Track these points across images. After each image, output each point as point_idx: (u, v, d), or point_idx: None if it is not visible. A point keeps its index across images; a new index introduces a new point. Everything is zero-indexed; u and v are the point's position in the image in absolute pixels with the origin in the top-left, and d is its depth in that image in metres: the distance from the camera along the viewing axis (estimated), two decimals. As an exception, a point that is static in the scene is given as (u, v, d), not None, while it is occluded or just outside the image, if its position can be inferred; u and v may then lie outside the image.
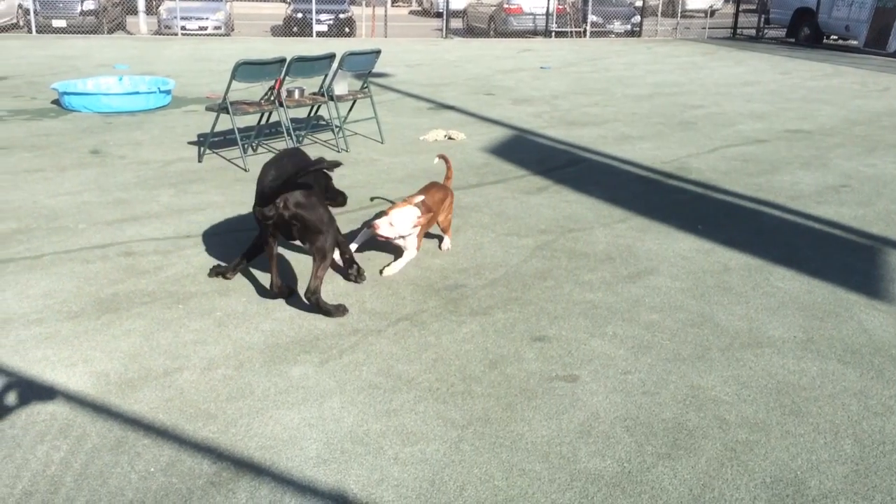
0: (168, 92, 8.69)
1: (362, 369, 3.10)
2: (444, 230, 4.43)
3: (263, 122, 6.77)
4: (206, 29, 17.75)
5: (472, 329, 3.47)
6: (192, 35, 17.39)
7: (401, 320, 3.54)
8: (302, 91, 6.82)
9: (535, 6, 19.75)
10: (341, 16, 19.12)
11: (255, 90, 6.74)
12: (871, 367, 3.22)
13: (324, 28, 18.62)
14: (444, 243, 4.44)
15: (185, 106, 8.69)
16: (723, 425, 2.78)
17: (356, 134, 7.44)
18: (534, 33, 19.97)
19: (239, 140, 6.11)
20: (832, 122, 8.69)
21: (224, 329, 3.41)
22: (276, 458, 2.54)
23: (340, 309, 3.55)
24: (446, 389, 2.97)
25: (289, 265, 4.10)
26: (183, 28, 17.34)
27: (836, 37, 18.68)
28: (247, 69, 6.05)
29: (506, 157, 6.68)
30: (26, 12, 16.68)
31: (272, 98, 6.42)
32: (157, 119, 7.92)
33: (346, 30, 19.12)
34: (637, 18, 21.05)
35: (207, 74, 11.17)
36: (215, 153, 6.49)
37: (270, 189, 3.37)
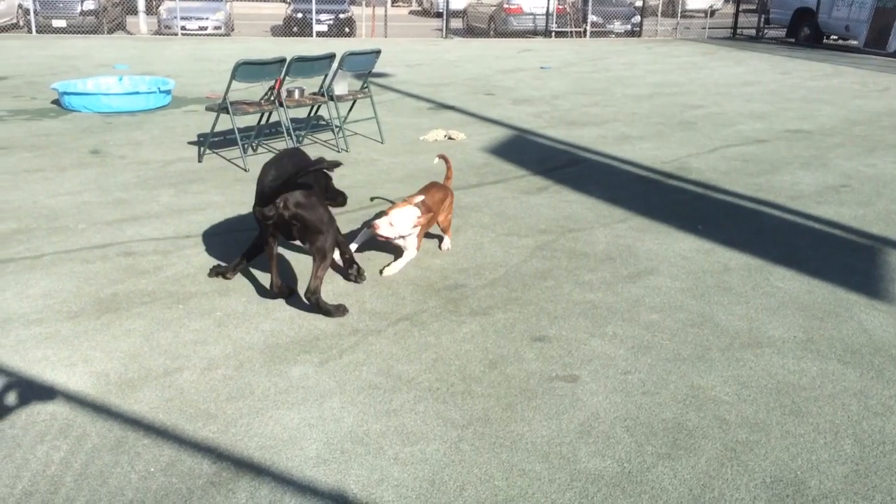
0: (168, 92, 8.69)
1: (362, 369, 3.10)
2: (444, 230, 4.43)
3: (263, 122, 6.78)
4: (206, 29, 17.75)
5: (472, 329, 3.47)
6: (192, 35, 17.39)
7: (401, 320, 3.54)
8: (302, 91, 6.82)
9: (535, 6, 19.75)
10: (341, 16, 19.12)
11: (255, 90, 6.74)
12: (871, 367, 3.22)
13: (324, 28, 18.62)
14: (444, 243, 4.44)
15: (185, 106, 8.69)
16: (723, 425, 2.78)
17: (356, 134, 7.44)
18: (534, 33, 19.97)
19: (239, 140, 6.11)
20: (832, 122, 8.69)
21: (224, 329, 3.41)
22: (276, 458, 2.54)
23: (340, 309, 3.55)
24: (446, 389, 2.97)
25: (289, 265, 4.10)
26: (183, 28, 17.34)
27: (836, 37, 18.67)
28: (247, 69, 6.05)
29: (506, 157, 6.68)
30: (26, 12, 16.68)
31: (272, 98, 6.42)
32: (157, 119, 7.93)
33: (346, 30, 19.12)
34: (637, 18, 21.05)
35: (207, 74, 11.17)
36: (215, 153, 6.49)
37: (270, 189, 3.37)
